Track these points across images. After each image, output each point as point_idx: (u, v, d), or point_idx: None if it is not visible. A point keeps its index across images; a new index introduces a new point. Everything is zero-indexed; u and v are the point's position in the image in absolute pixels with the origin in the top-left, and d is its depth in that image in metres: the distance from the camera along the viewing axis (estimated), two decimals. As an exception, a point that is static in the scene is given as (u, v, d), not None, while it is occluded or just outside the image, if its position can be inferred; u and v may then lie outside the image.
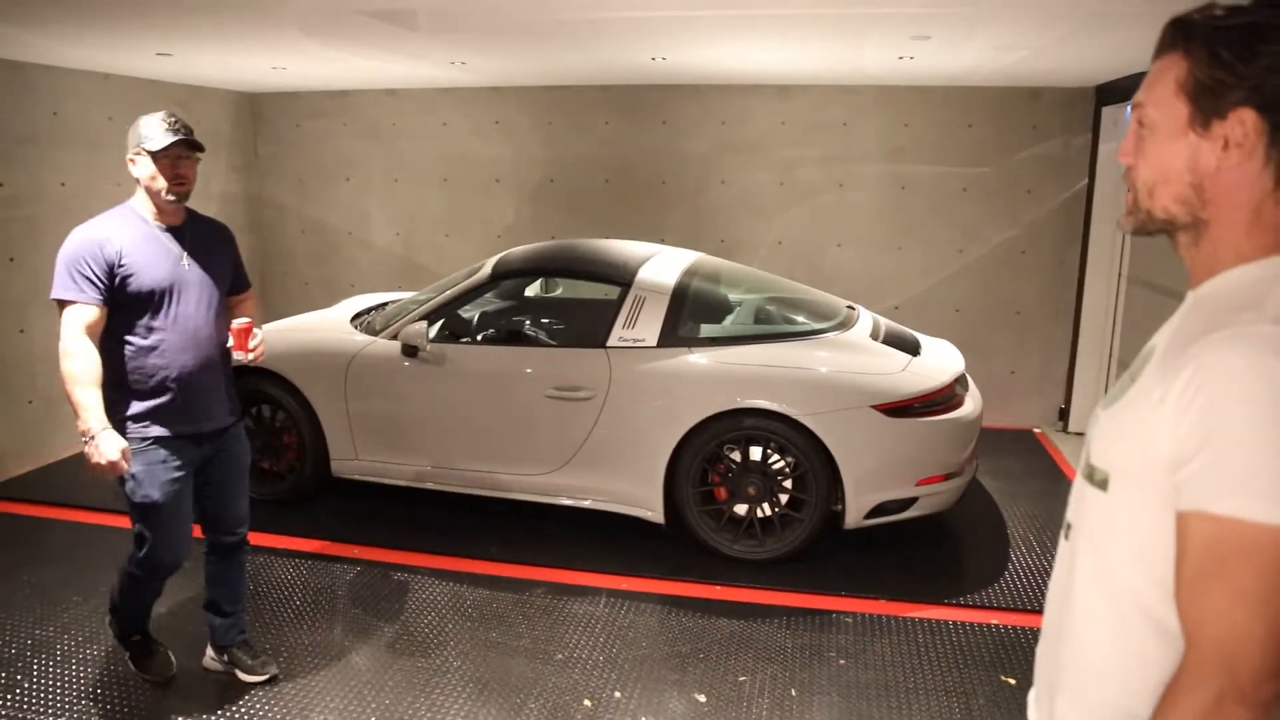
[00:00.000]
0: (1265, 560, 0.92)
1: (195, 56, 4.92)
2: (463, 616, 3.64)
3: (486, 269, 4.56)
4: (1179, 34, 1.05)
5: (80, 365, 2.58)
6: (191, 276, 2.81)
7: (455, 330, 4.57)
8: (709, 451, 4.03)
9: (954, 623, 3.61)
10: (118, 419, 2.67)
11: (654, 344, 4.10)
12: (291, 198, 7.07)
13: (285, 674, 3.19)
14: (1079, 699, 1.14)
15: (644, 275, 4.30)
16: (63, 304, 2.64)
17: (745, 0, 3.46)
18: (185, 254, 2.81)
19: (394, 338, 4.40)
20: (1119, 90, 5.40)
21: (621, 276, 4.33)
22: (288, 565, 4.03)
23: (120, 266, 2.66)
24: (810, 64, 5.15)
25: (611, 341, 4.15)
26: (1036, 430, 6.16)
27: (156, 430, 2.75)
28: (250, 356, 2.93)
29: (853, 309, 4.63)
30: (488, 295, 4.79)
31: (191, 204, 2.87)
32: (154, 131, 2.68)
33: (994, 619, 3.63)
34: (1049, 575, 1.29)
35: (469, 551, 4.17)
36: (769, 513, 4.06)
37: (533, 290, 5.35)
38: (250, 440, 3.30)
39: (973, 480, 4.32)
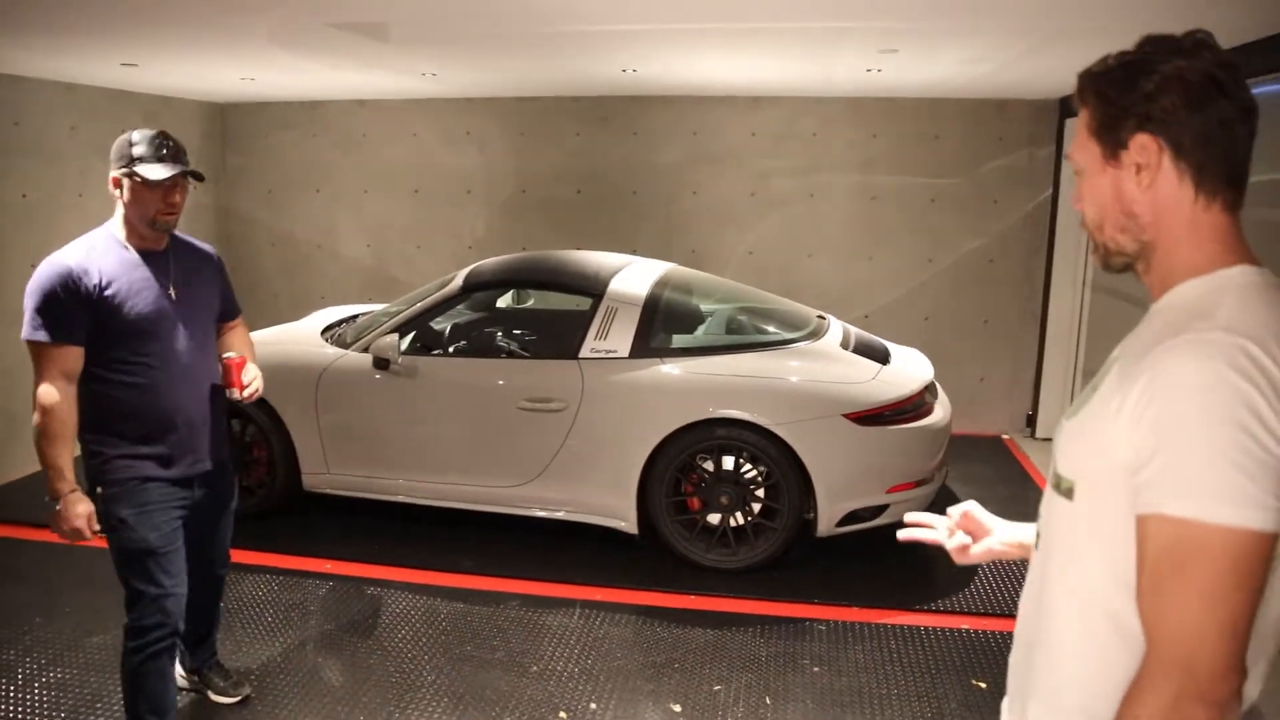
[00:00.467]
0: (1221, 560, 0.94)
1: (162, 67, 4.87)
2: (437, 630, 3.61)
3: (458, 281, 4.55)
4: (1079, 88, 1.18)
5: (52, 422, 2.38)
6: (178, 308, 2.58)
7: (427, 342, 4.55)
8: (682, 462, 4.04)
9: (926, 628, 3.64)
10: (103, 460, 2.51)
11: (626, 355, 4.11)
12: (260, 209, 7.01)
13: (257, 693, 3.15)
14: (1051, 704, 1.16)
15: (615, 286, 4.32)
16: (35, 346, 2.40)
17: (715, 14, 3.49)
18: (170, 283, 2.58)
19: (365, 350, 4.37)
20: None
21: (593, 288, 4.34)
22: (259, 581, 3.98)
23: (100, 299, 2.42)
24: (781, 76, 5.20)
25: (584, 353, 4.15)
26: (1005, 437, 6.24)
27: (146, 471, 2.55)
28: (243, 394, 2.71)
29: (823, 318, 4.67)
30: (459, 307, 4.78)
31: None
32: (148, 154, 2.46)
33: (965, 624, 3.67)
34: (1018, 580, 1.32)
35: (442, 565, 4.14)
36: (742, 522, 4.07)
37: (504, 302, 5.34)
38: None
39: (943, 487, 4.37)
